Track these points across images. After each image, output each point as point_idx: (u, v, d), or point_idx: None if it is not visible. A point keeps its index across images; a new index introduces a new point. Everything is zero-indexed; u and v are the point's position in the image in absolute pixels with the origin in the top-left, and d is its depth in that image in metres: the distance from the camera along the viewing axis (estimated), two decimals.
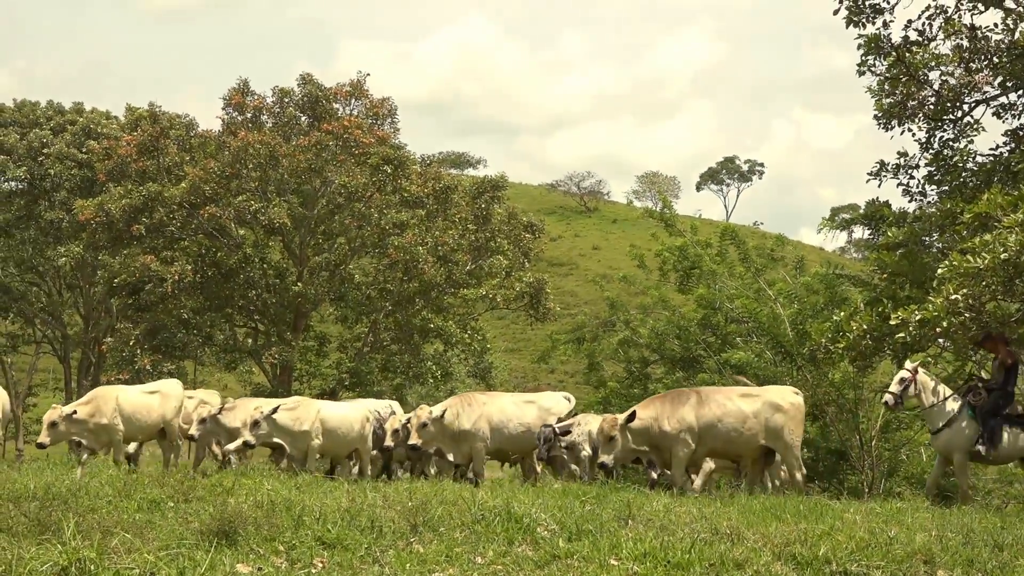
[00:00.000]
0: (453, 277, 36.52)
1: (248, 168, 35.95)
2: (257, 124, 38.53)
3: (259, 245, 37.24)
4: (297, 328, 37.75)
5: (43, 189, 48.31)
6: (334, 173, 36.65)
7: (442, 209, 37.63)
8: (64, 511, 10.46)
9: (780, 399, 17.79)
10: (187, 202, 35.82)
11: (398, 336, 38.28)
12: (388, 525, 10.41)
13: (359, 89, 39.36)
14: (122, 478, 14.53)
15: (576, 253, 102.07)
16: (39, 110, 51.14)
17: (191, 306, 36.56)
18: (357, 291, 37.70)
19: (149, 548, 9.10)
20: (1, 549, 8.94)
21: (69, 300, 52.78)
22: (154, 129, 38.16)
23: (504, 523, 10.69)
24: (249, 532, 9.75)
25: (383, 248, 36.35)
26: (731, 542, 10.11)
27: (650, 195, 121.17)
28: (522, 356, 73.10)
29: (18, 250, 49.81)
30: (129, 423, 18.94)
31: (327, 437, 19.38)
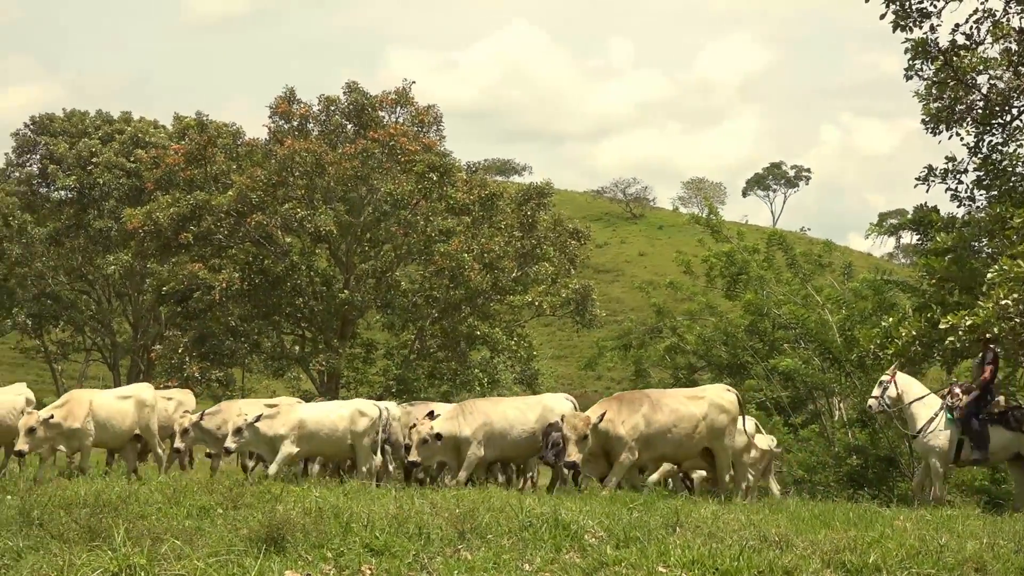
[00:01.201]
0: (499, 284, 36.55)
1: (295, 176, 36.12)
2: (303, 132, 38.68)
3: (306, 253, 37.36)
4: (344, 335, 37.85)
5: (92, 198, 48.74)
6: (380, 180, 36.73)
7: (488, 216, 37.64)
8: (114, 518, 10.52)
9: (722, 399, 17.63)
10: (234, 210, 36.01)
11: (445, 343, 38.33)
12: (436, 532, 10.40)
13: (405, 97, 39.43)
14: (171, 485, 14.60)
15: (622, 259, 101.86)
16: (88, 120, 51.63)
17: (239, 313, 36.74)
18: (403, 298, 37.77)
19: (198, 555, 9.14)
20: (53, 555, 9.00)
21: (118, 308, 53.18)
22: (202, 138, 38.46)
23: (551, 530, 10.65)
24: (297, 539, 9.77)
25: (429, 255, 36.41)
26: (780, 549, 10.04)
27: (696, 201, 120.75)
28: (568, 363, 72.97)
29: (68, 259, 50.26)
30: (102, 429, 18.15)
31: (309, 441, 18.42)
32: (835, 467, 21.46)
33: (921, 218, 22.96)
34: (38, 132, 51.80)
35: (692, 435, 17.02)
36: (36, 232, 48.58)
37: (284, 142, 36.81)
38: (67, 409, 17.66)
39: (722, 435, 17.35)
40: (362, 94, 39.08)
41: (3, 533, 9.90)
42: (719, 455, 17.55)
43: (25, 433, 16.81)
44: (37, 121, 52.09)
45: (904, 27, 21.94)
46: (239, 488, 13.62)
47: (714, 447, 17.40)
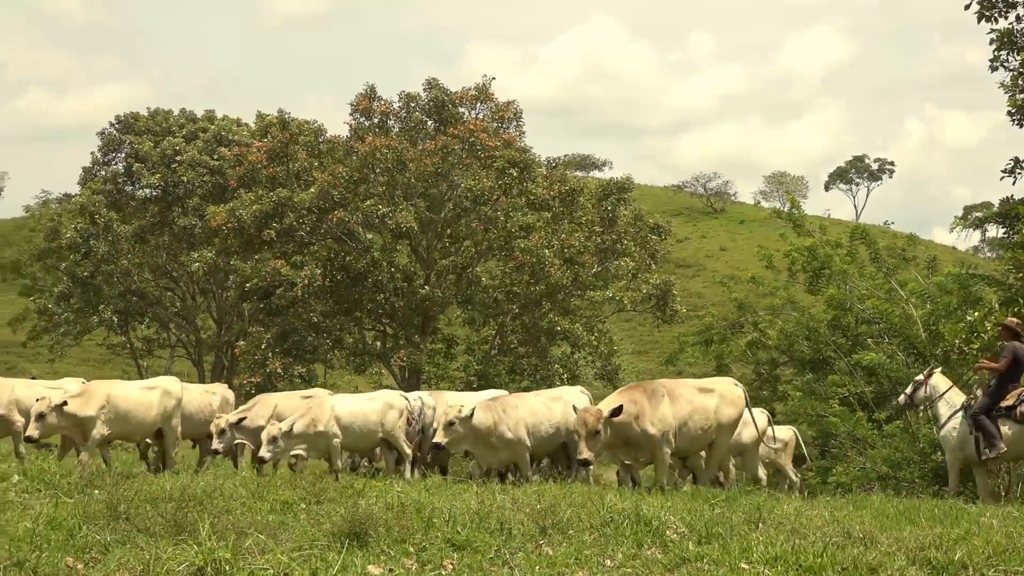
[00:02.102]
0: (580, 279, 36.51)
1: (376, 173, 36.30)
2: (384, 129, 38.83)
3: (387, 249, 37.51)
4: (425, 331, 37.98)
5: (176, 196, 49.30)
6: (460, 176, 36.81)
7: (568, 211, 37.58)
8: (199, 512, 10.62)
9: (731, 393, 17.34)
10: (316, 207, 36.26)
11: (525, 338, 38.34)
12: (517, 527, 10.40)
13: (484, 93, 39.46)
14: (255, 480, 14.73)
15: (703, 254, 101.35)
16: (172, 118, 52.23)
17: (321, 310, 37.00)
18: (484, 294, 37.82)
19: (282, 549, 9.21)
20: (139, 549, 9.11)
21: (202, 305, 53.72)
22: (284, 135, 38.75)
23: (633, 526, 10.62)
24: (380, 533, 9.81)
25: (509, 251, 36.42)
26: (864, 546, 9.94)
27: (778, 195, 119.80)
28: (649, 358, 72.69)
29: (153, 256, 50.85)
30: (123, 421, 17.55)
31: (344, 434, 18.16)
32: (920, 463, 21.15)
33: (1007, 211, 22.63)
34: (123, 131, 52.49)
35: (705, 428, 16.68)
36: (122, 230, 49.16)
37: (365, 139, 37.00)
38: (83, 399, 17.24)
39: (727, 430, 17.13)
40: (442, 90, 39.17)
41: (91, 527, 10.03)
42: (716, 450, 17.28)
43: (35, 419, 16.52)
44: (122, 120, 52.79)
45: (989, 17, 21.69)
46: (322, 483, 13.70)
47: (717, 441, 17.09)
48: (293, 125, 39.92)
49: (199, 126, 51.35)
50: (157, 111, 53.20)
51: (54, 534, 9.76)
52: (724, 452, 17.51)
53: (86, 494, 12.66)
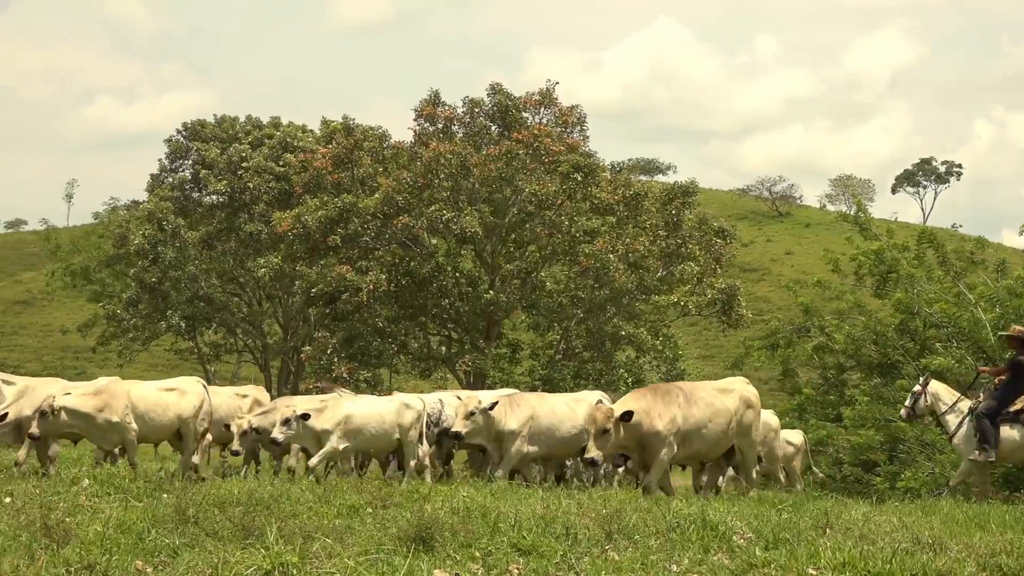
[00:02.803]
0: (644, 284, 36.43)
1: (440, 178, 36.39)
2: (448, 134, 38.93)
3: (451, 254, 37.61)
4: (490, 336, 38.02)
5: (243, 202, 49.66)
6: (524, 181, 36.80)
7: (632, 216, 37.51)
8: (267, 516, 10.68)
9: (748, 393, 16.96)
10: (381, 213, 36.42)
11: (590, 343, 38.30)
12: (583, 532, 10.39)
13: (548, 97, 39.46)
14: (322, 485, 14.80)
15: (768, 258, 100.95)
16: (238, 125, 52.64)
17: (386, 315, 37.15)
18: (549, 298, 37.82)
19: (349, 553, 9.24)
20: (208, 552, 9.17)
21: (268, 310, 54.08)
22: (348, 141, 38.97)
23: (699, 531, 10.58)
24: (446, 538, 9.82)
25: (574, 255, 36.41)
26: (933, 552, 9.84)
27: (844, 198, 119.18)
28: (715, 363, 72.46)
29: (220, 262, 51.25)
30: (140, 422, 17.06)
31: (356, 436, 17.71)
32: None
33: None
34: (190, 138, 52.96)
35: (726, 431, 16.29)
36: (189, 236, 49.57)
37: (429, 144, 37.10)
38: (103, 399, 16.77)
39: (749, 431, 16.80)
40: (506, 96, 39.20)
41: (160, 530, 10.11)
42: (746, 453, 16.99)
43: (39, 417, 15.98)
44: (189, 127, 53.25)
45: None
46: (388, 487, 13.75)
47: (741, 444, 16.79)
48: (358, 131, 40.13)
49: (265, 132, 51.72)
50: (223, 118, 53.63)
51: (123, 538, 9.84)
52: (754, 455, 17.28)
53: (155, 498, 12.78)
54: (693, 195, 39.30)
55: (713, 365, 71.60)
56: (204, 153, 50.97)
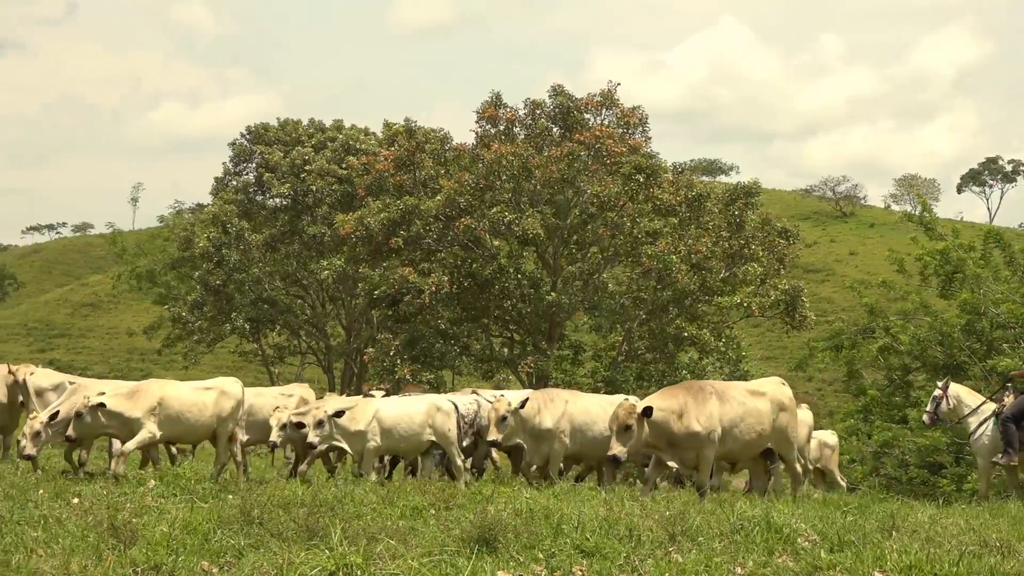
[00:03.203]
0: (707, 285, 36.26)
1: (502, 180, 36.42)
2: (510, 136, 38.92)
3: (513, 256, 37.61)
4: (552, 337, 38.00)
5: (306, 204, 49.95)
6: (586, 183, 36.75)
7: (695, 217, 37.37)
8: (331, 517, 10.74)
9: (782, 394, 16.50)
10: (443, 214, 36.49)
11: (652, 345, 38.18)
12: (646, 534, 10.36)
13: (610, 99, 39.34)
14: (386, 486, 14.86)
15: (832, 259, 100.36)
16: (301, 128, 52.94)
17: (448, 316, 37.21)
18: (611, 300, 37.75)
19: (412, 554, 9.27)
20: (272, 553, 9.23)
21: (332, 312, 54.37)
22: (410, 144, 39.06)
23: (763, 533, 10.53)
24: (509, 540, 9.83)
25: (636, 257, 36.32)
26: (1001, 555, 9.74)
27: (908, 198, 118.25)
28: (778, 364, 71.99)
29: (283, 264, 51.59)
30: (174, 423, 16.92)
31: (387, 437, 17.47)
32: None
33: None
34: (254, 141, 53.32)
35: (759, 432, 15.88)
36: (253, 239, 49.93)
37: (491, 146, 37.12)
38: (134, 400, 16.69)
39: (785, 433, 16.33)
40: (567, 97, 39.14)
41: (225, 531, 10.19)
42: (786, 455, 16.59)
43: (74, 418, 16.03)
44: (253, 131, 53.62)
45: None
46: (451, 489, 13.77)
47: (779, 447, 16.41)
48: (419, 133, 40.23)
49: (327, 135, 51.98)
50: (287, 121, 53.95)
51: (189, 538, 9.92)
52: (795, 456, 16.80)
53: (220, 499, 12.87)
54: (756, 196, 39.07)
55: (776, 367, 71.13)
56: (268, 156, 51.30)
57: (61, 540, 9.67)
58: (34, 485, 13.99)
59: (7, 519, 10.61)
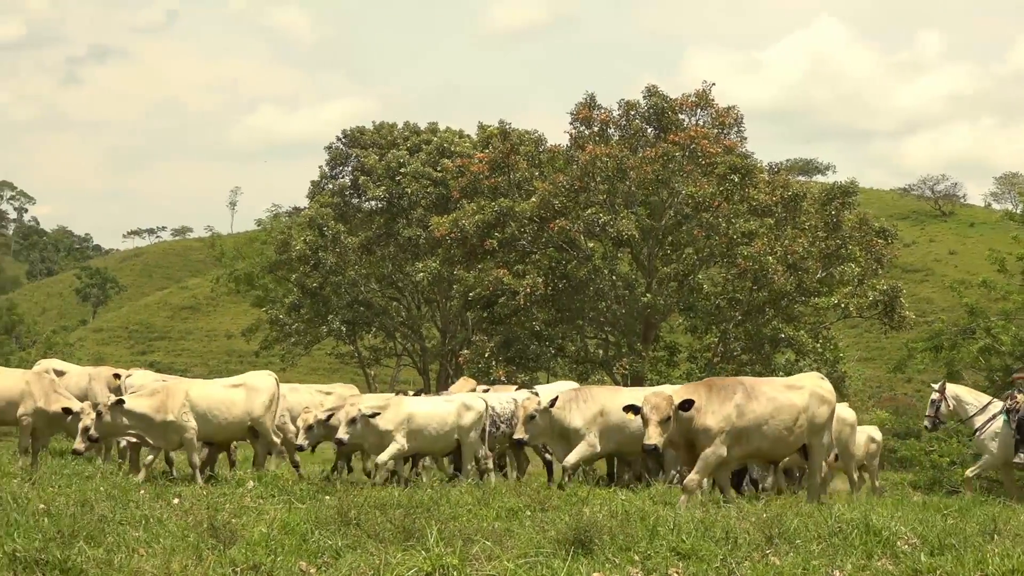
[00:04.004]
0: (804, 286, 35.95)
1: (596, 181, 36.37)
2: (604, 137, 38.84)
3: (608, 257, 37.53)
4: (647, 338, 37.88)
5: (401, 207, 50.15)
6: (681, 183, 36.58)
7: (791, 217, 37.05)
8: (427, 519, 10.79)
9: (821, 389, 15.89)
10: (537, 216, 36.51)
11: (748, 346, 37.91)
12: (743, 536, 10.31)
13: (705, 99, 39.13)
14: (480, 487, 14.90)
15: (931, 258, 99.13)
16: (396, 131, 53.16)
17: (543, 318, 37.25)
18: (706, 301, 37.53)
19: (508, 556, 9.30)
20: (369, 554, 9.29)
21: (427, 314, 54.57)
22: (505, 146, 39.12)
23: (862, 536, 10.43)
24: (604, 541, 9.82)
25: (731, 257, 36.09)
26: None
27: (1010, 197, 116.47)
28: (876, 366, 71.37)
29: (379, 266, 51.87)
30: (203, 421, 16.69)
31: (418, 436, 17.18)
32: None
33: None
34: (350, 145, 53.67)
35: (792, 429, 15.29)
36: (349, 241, 50.24)
37: (585, 148, 37.09)
38: (159, 399, 16.58)
39: (821, 431, 15.73)
40: (662, 98, 38.97)
41: (323, 532, 10.28)
42: (814, 453, 15.85)
43: (96, 418, 15.96)
44: (348, 134, 53.97)
45: None
46: (547, 491, 13.78)
47: (811, 443, 15.72)
48: (514, 135, 40.28)
49: (422, 138, 52.15)
50: (382, 124, 54.21)
51: (288, 539, 10.03)
52: (823, 456, 16.14)
53: (318, 500, 12.98)
54: (853, 195, 38.65)
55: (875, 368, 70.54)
56: (363, 159, 51.59)
57: (162, 540, 9.82)
58: (135, 486, 14.21)
59: (110, 519, 10.78)
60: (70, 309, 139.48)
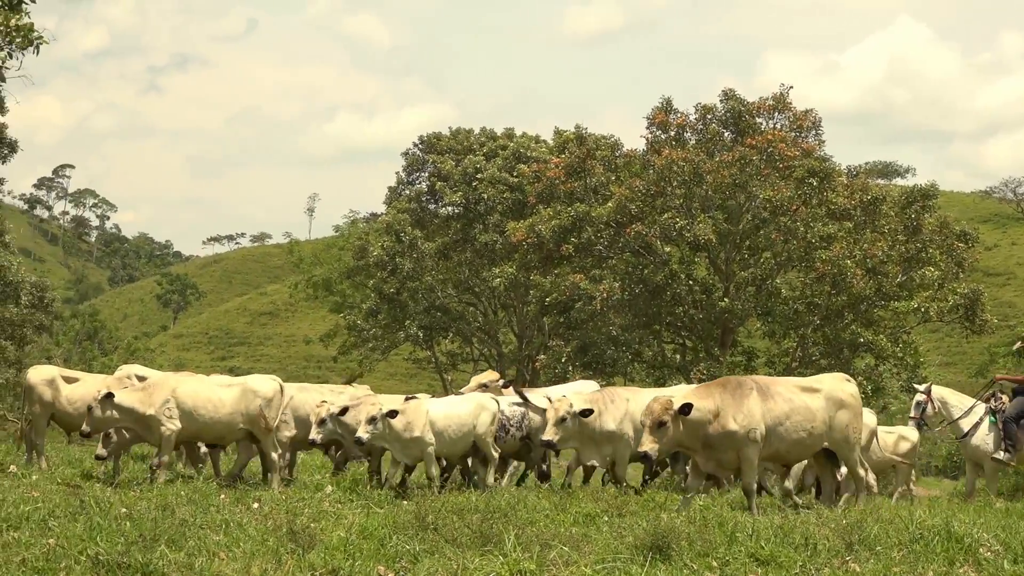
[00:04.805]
0: (883, 290, 35.66)
1: (673, 185, 36.28)
2: (680, 141, 38.75)
3: (685, 261, 37.45)
4: (724, 343, 37.72)
5: (477, 213, 50.24)
6: (758, 187, 36.41)
7: (870, 220, 36.75)
8: (504, 524, 10.79)
9: (841, 391, 15.09)
10: (614, 221, 36.51)
11: (827, 351, 37.62)
12: (822, 543, 10.23)
13: (782, 102, 38.94)
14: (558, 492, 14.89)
15: (1014, 262, 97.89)
16: (473, 137, 53.28)
17: (619, 323, 37.21)
18: (784, 305, 37.31)
19: (586, 561, 9.30)
20: (447, 559, 9.32)
21: (503, 319, 54.60)
22: (581, 151, 39.16)
23: (944, 543, 10.30)
24: (682, 547, 9.79)
25: (810, 262, 35.86)
26: None
27: None
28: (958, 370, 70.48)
29: (456, 272, 51.99)
30: (189, 418, 16.27)
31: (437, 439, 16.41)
32: None
33: None
34: (426, 151, 53.86)
35: (810, 431, 14.56)
36: (426, 247, 50.41)
37: (662, 152, 37.02)
38: (146, 394, 16.25)
39: (846, 433, 14.88)
40: (739, 101, 38.82)
41: (400, 536, 10.32)
42: (845, 456, 15.08)
43: (88, 412, 15.79)
44: (425, 140, 54.17)
45: None
46: (624, 497, 13.75)
47: (837, 448, 14.95)
48: (590, 140, 40.29)
49: (499, 144, 52.22)
50: (459, 130, 54.36)
51: (366, 543, 10.08)
52: (856, 460, 15.22)
53: (396, 505, 13.04)
54: (933, 198, 38.28)
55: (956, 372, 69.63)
56: (440, 165, 51.75)
57: (242, 544, 9.90)
58: (216, 490, 14.34)
59: (191, 523, 10.89)
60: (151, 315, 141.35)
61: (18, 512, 11.34)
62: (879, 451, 20.30)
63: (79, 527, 10.45)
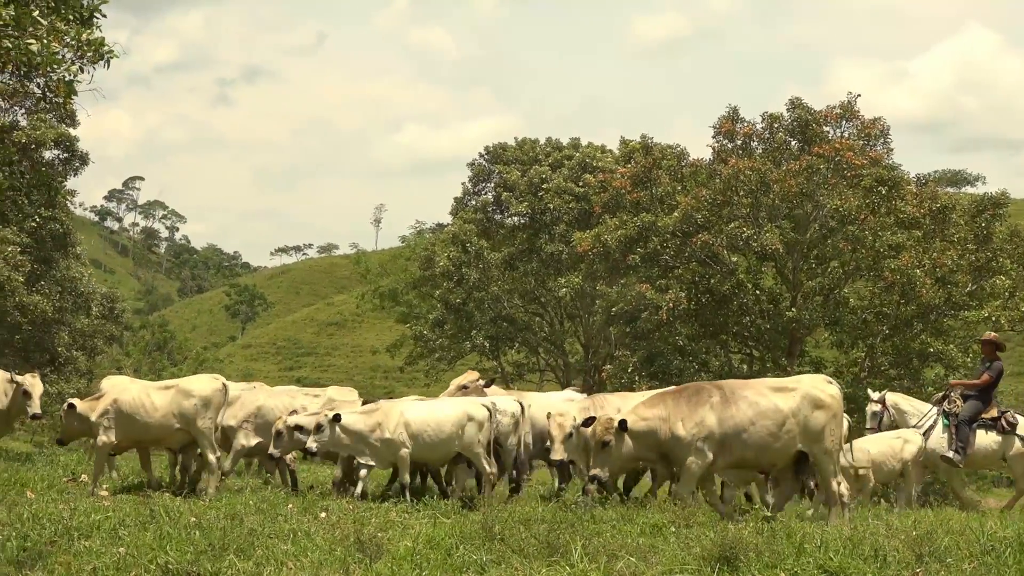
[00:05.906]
0: (953, 299, 35.30)
1: (739, 195, 36.11)
2: (747, 150, 38.58)
3: (752, 271, 37.28)
4: (792, 353, 37.47)
5: (543, 223, 50.31)
6: (826, 196, 36.16)
7: (939, 229, 36.40)
8: (571, 534, 10.80)
9: (819, 392, 14.39)
10: (680, 231, 36.38)
11: (896, 361, 37.30)
12: (892, 554, 10.16)
13: (849, 110, 38.66)
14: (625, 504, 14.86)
15: None
16: (538, 147, 53.39)
17: (686, 333, 37.08)
18: (852, 315, 37.01)
19: (652, 572, 9.28)
20: (514, 569, 9.34)
21: (570, 329, 54.59)
22: (647, 160, 39.08)
23: (1016, 555, 10.19)
24: (750, 558, 9.75)
25: (878, 271, 35.58)
26: None
27: None
28: None
29: (522, 282, 52.04)
30: (128, 422, 16.17)
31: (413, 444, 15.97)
32: None
33: None
34: (492, 161, 54.02)
35: (777, 435, 13.96)
36: (492, 257, 50.51)
37: (728, 161, 36.87)
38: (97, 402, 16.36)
39: (821, 437, 14.12)
40: (806, 110, 38.58)
41: (467, 547, 10.35)
42: (820, 462, 14.23)
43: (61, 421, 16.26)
44: (491, 151, 54.33)
45: None
46: (691, 507, 13.72)
47: (812, 452, 14.17)
48: (656, 150, 40.17)
49: (564, 154, 52.27)
50: (524, 140, 54.46)
51: (433, 553, 10.11)
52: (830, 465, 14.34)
53: (463, 515, 13.07)
54: (1004, 206, 37.83)
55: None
56: (506, 175, 51.89)
57: (310, 554, 9.97)
58: (284, 500, 14.44)
59: (259, 532, 10.98)
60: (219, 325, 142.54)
61: (89, 521, 11.49)
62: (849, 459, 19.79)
63: (149, 536, 10.58)
